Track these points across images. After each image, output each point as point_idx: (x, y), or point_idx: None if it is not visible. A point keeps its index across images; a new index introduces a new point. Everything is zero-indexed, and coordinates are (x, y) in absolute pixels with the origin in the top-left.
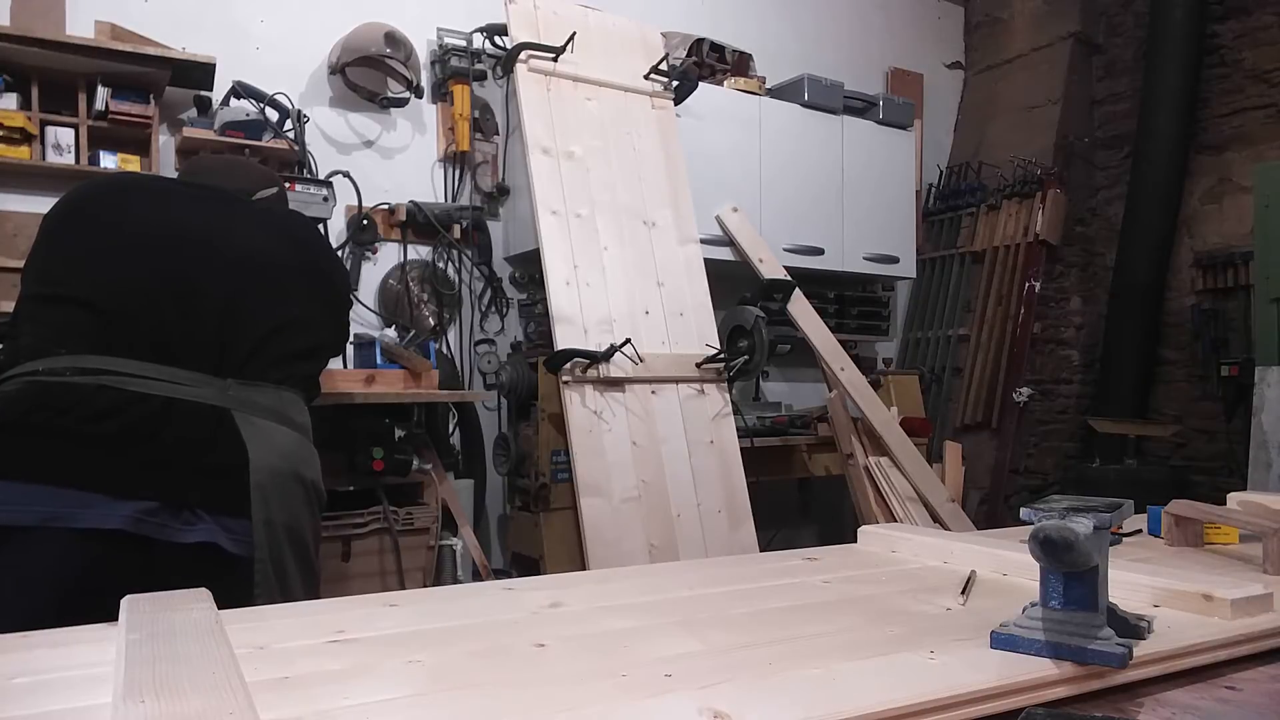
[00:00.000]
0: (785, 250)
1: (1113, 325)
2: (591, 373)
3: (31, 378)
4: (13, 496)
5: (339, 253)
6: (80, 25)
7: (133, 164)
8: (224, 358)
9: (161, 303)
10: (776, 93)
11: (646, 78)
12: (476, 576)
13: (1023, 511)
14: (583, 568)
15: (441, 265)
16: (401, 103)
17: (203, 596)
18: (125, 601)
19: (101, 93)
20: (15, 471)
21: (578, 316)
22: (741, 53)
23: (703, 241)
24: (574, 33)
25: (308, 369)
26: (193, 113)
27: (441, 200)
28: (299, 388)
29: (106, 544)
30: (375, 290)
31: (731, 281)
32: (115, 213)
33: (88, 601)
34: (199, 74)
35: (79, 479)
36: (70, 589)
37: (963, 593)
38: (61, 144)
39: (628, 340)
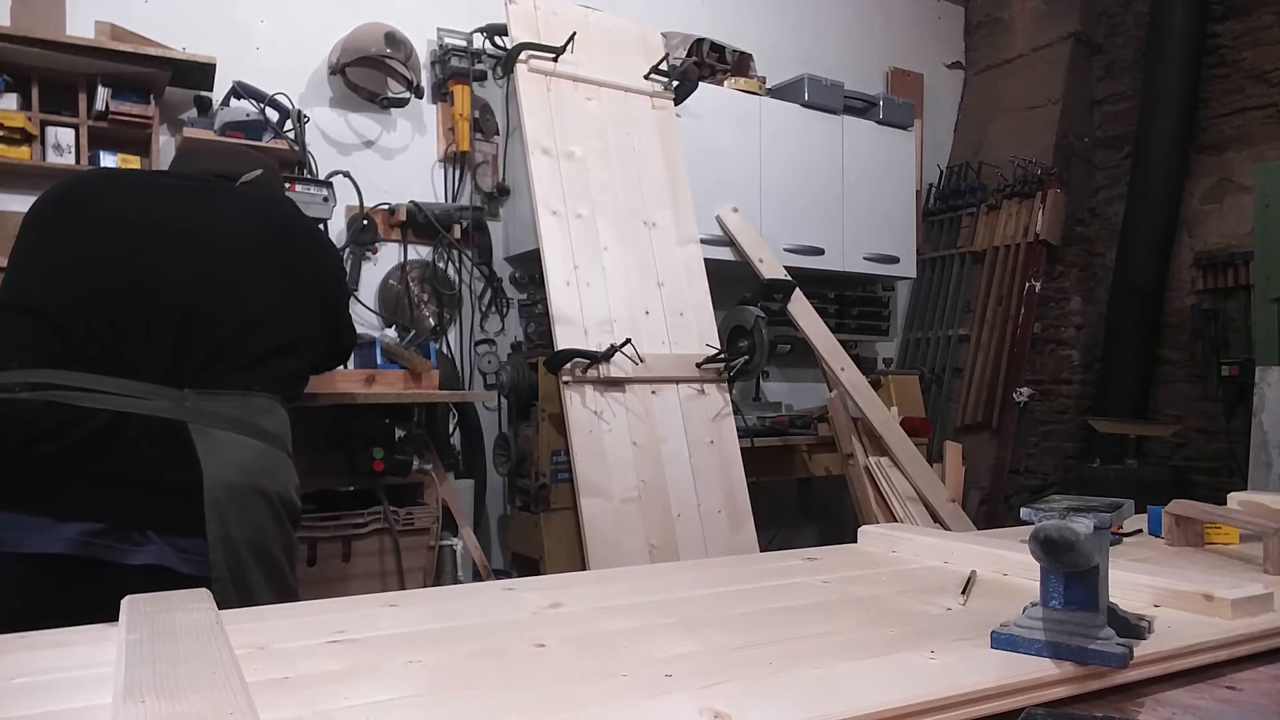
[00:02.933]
0: (785, 250)
1: (1113, 325)
2: (592, 373)
3: None
4: None
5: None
6: (80, 25)
7: (133, 164)
8: (182, 365)
9: (116, 311)
10: (776, 93)
11: (646, 78)
12: (477, 577)
13: (1023, 511)
14: (583, 568)
15: (442, 265)
16: (401, 103)
17: (203, 597)
18: (125, 602)
19: (102, 93)
20: None
21: (578, 316)
22: (741, 53)
23: (703, 241)
24: (574, 33)
25: (282, 368)
26: (193, 113)
27: (442, 200)
28: (273, 390)
29: (52, 569)
30: (375, 290)
31: (731, 281)
32: (77, 215)
33: (35, 628)
34: (199, 74)
35: (22, 502)
36: (16, 615)
37: (963, 593)
38: (62, 144)
39: (628, 340)
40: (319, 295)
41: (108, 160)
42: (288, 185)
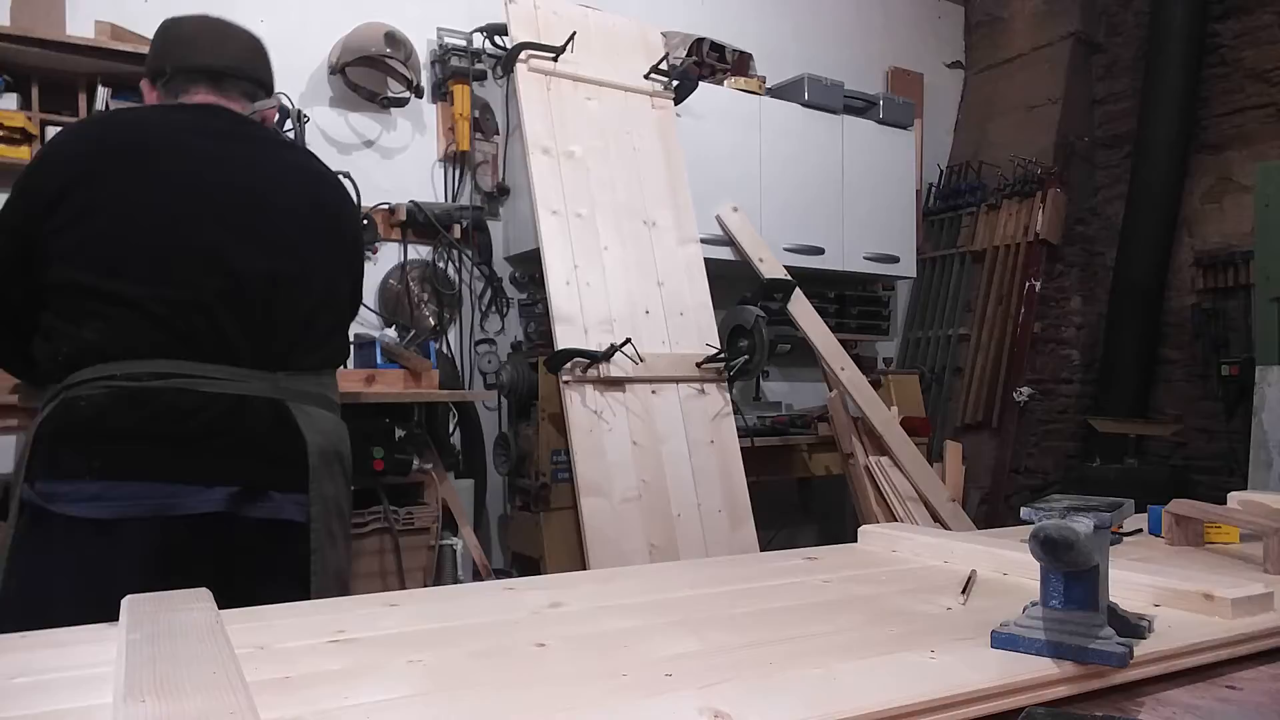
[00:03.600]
0: (785, 250)
1: (1113, 325)
2: (592, 372)
3: (111, 382)
4: (125, 493)
5: None
6: (80, 25)
7: None
8: (270, 354)
9: (215, 309)
10: (776, 92)
11: (647, 77)
12: (477, 576)
13: (1023, 511)
14: (583, 568)
15: (442, 265)
16: (402, 102)
17: (203, 596)
18: (126, 601)
19: (102, 93)
20: (125, 471)
21: (578, 316)
22: (741, 52)
23: (703, 241)
24: (574, 32)
25: (338, 342)
26: None
27: (441, 200)
28: (333, 364)
29: (204, 524)
30: (375, 290)
31: (731, 281)
32: (132, 170)
33: (193, 571)
34: None
35: (175, 473)
36: (178, 563)
37: (963, 592)
38: None
39: (628, 340)
40: (355, 259)
41: None
42: None
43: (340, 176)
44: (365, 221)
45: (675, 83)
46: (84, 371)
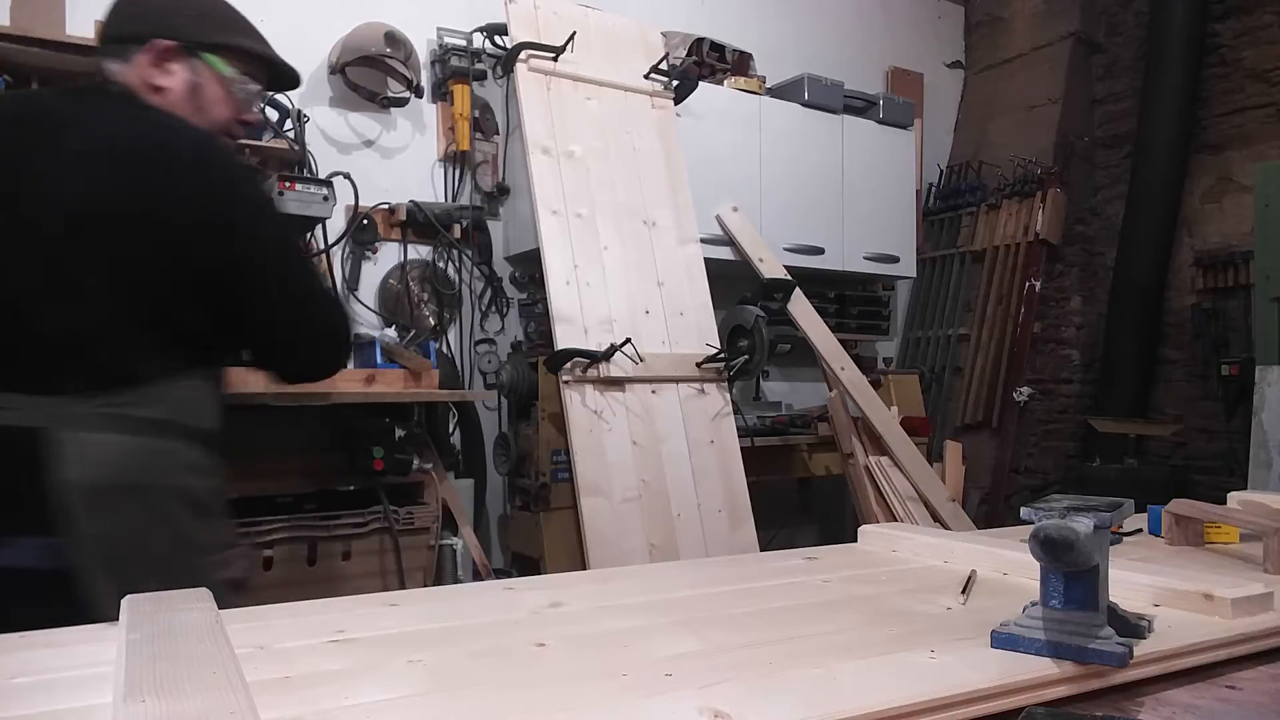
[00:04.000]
0: (785, 250)
1: (1113, 325)
2: (592, 372)
3: None
4: None
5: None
6: (80, 25)
7: None
8: (32, 377)
9: None
10: (776, 92)
11: (647, 77)
12: (477, 576)
13: (1023, 511)
14: (583, 567)
15: (441, 265)
16: (401, 102)
17: (203, 596)
18: (126, 601)
19: None
20: None
21: (578, 316)
22: (741, 52)
23: (703, 241)
24: (574, 32)
25: (150, 347)
26: None
27: (441, 200)
28: (156, 375)
29: None
30: (375, 290)
31: (731, 281)
32: None
33: None
34: None
35: None
36: None
37: (963, 592)
38: None
39: (628, 340)
40: (225, 229)
41: None
42: (288, 185)
43: (344, 176)
44: (365, 221)
45: (675, 83)
46: None
